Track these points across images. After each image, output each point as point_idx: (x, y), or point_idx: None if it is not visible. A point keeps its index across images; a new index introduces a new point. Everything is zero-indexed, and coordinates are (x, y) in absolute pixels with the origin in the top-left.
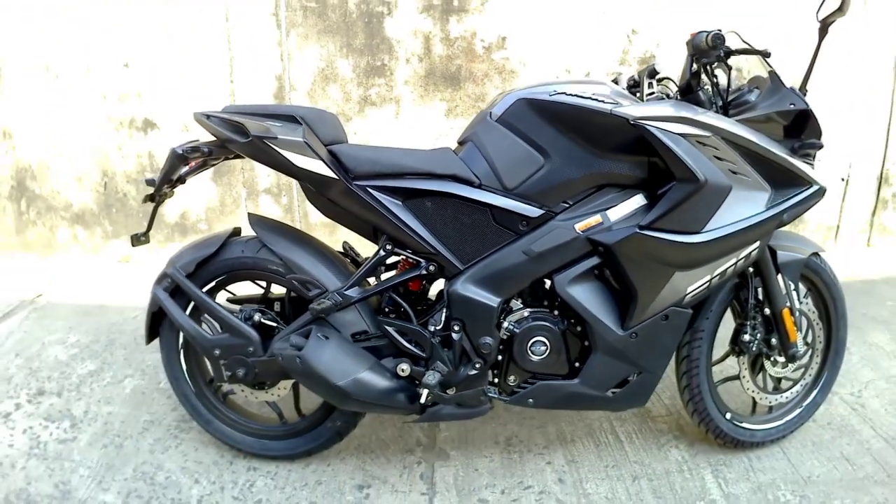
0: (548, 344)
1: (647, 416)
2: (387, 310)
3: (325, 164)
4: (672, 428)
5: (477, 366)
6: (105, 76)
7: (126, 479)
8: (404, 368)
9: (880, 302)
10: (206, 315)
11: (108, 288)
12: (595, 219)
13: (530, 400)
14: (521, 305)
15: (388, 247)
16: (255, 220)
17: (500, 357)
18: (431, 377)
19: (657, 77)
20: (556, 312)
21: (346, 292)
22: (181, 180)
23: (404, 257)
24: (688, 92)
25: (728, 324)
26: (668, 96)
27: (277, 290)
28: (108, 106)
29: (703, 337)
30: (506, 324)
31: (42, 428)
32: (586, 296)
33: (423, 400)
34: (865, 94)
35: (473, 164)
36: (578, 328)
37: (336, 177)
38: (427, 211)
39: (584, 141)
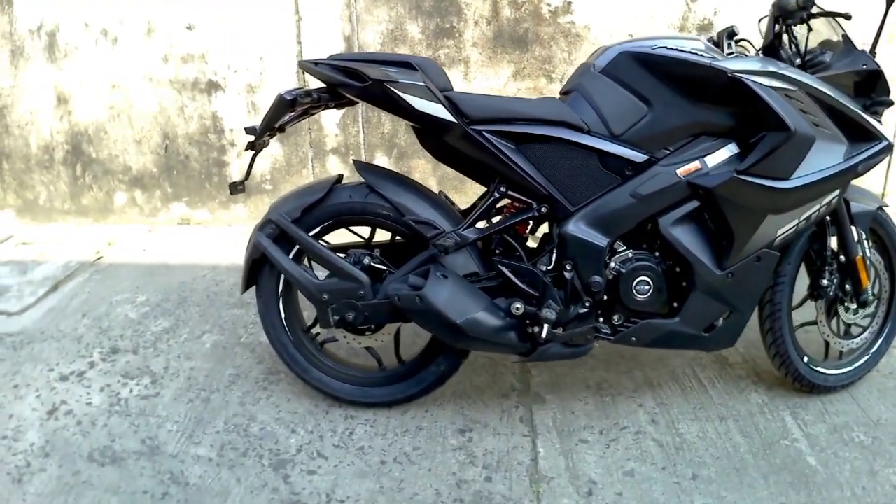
0: (651, 283)
1: (724, 364)
2: (497, 251)
3: (446, 108)
4: (749, 374)
5: (587, 304)
6: (167, 38)
7: (218, 432)
8: (518, 307)
9: None
10: (306, 261)
11: (170, 249)
12: (695, 164)
13: (633, 338)
14: (625, 247)
15: (502, 189)
16: (362, 165)
17: (605, 297)
18: (549, 312)
19: (735, 38)
20: (657, 254)
21: (464, 232)
22: (281, 128)
23: (510, 202)
24: (770, 51)
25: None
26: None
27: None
28: (169, 68)
29: (785, 281)
30: (612, 264)
31: (121, 385)
32: (687, 237)
33: (543, 334)
34: None
35: (581, 112)
36: (677, 268)
37: (455, 121)
38: (539, 155)
39: (684, 91)
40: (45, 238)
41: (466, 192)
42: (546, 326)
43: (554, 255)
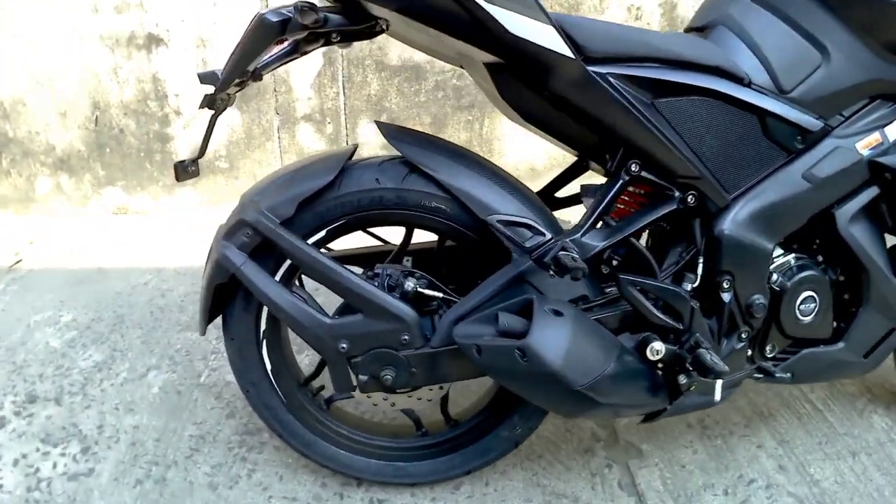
0: (817, 300)
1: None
2: (614, 262)
3: (560, 34)
4: (861, 391)
5: (743, 336)
6: None
7: None
8: (658, 349)
9: None
10: (296, 284)
11: (104, 247)
12: (874, 137)
13: (789, 374)
14: (782, 252)
15: (634, 168)
16: (393, 131)
17: None
18: (712, 358)
19: None
20: (820, 258)
21: (585, 240)
22: (257, 75)
23: (629, 190)
24: None
25: None
26: None
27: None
28: (100, 21)
29: None
30: (774, 276)
31: (41, 456)
32: (865, 236)
33: (717, 395)
34: None
35: (735, 56)
36: (842, 278)
37: (573, 56)
38: (683, 115)
39: (870, 38)
40: None
41: None
42: (719, 384)
43: (700, 267)
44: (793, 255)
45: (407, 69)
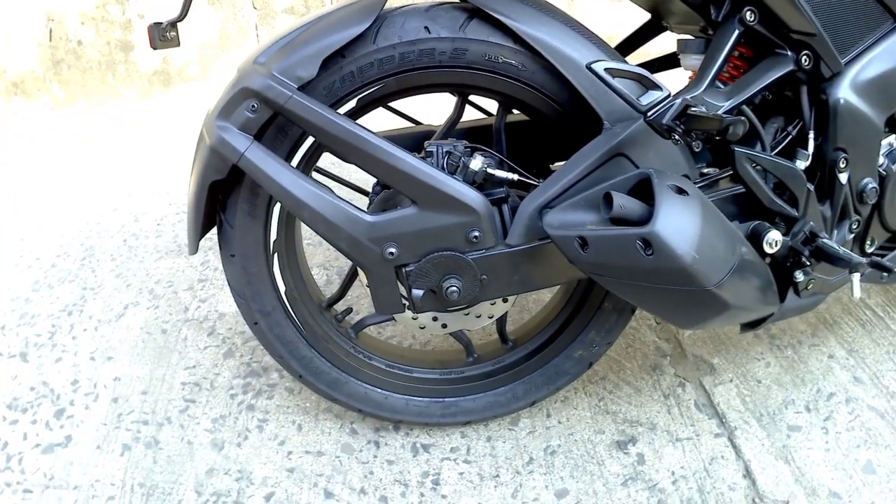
0: None
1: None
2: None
3: None
4: None
5: (853, 226)
6: None
7: None
8: (775, 240)
9: None
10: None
11: (69, 174)
12: None
13: (887, 273)
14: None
15: (750, 16)
16: None
17: None
18: (844, 249)
19: None
20: None
21: (707, 98)
22: None
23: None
24: None
25: None
26: None
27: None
28: None
29: None
30: (881, 159)
31: (8, 425)
32: None
33: (857, 292)
34: None
35: None
36: None
37: None
38: None
39: None
40: None
41: None
42: (857, 277)
43: (811, 144)
44: (893, 136)
45: None
